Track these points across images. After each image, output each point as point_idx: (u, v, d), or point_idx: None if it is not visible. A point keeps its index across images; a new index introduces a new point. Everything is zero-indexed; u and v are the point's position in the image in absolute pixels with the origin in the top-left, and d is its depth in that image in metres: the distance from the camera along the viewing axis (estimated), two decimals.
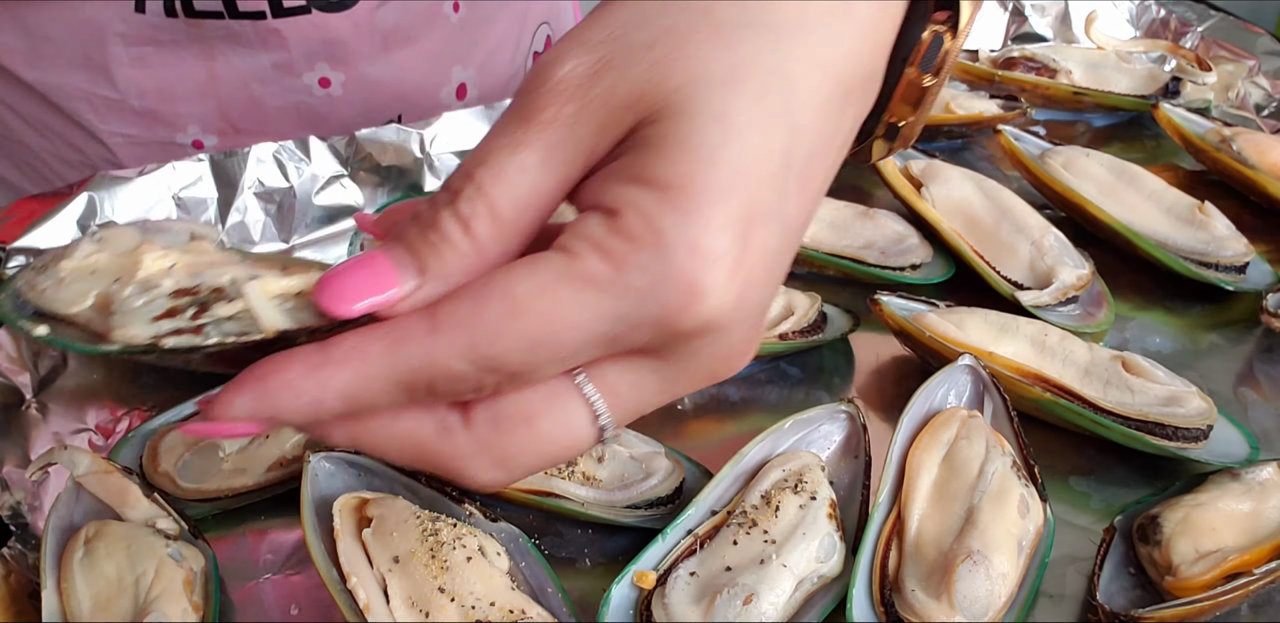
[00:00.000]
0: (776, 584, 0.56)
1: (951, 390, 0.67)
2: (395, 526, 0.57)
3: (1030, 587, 0.58)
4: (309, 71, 0.91)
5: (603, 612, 0.57)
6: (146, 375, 0.75)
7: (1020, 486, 0.60)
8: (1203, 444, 0.65)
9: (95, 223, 0.80)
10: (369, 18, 0.90)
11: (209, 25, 0.86)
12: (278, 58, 0.90)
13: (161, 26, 0.86)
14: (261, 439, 0.65)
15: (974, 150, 0.98)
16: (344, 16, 0.89)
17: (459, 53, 0.97)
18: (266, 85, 0.91)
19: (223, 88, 0.90)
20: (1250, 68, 1.02)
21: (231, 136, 0.94)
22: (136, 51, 0.88)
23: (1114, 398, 0.67)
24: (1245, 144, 0.87)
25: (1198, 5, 1.09)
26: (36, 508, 0.65)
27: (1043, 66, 1.01)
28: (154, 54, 0.88)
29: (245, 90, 0.91)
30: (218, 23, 0.86)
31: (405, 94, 0.97)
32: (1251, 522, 0.60)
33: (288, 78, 0.91)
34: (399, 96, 0.97)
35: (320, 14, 0.88)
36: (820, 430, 0.65)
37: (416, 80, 0.96)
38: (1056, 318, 0.76)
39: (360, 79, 0.93)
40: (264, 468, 0.65)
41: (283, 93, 0.92)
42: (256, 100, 0.91)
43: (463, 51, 0.98)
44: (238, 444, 0.65)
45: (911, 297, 0.74)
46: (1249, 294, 0.79)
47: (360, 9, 0.89)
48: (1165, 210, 0.82)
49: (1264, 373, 0.74)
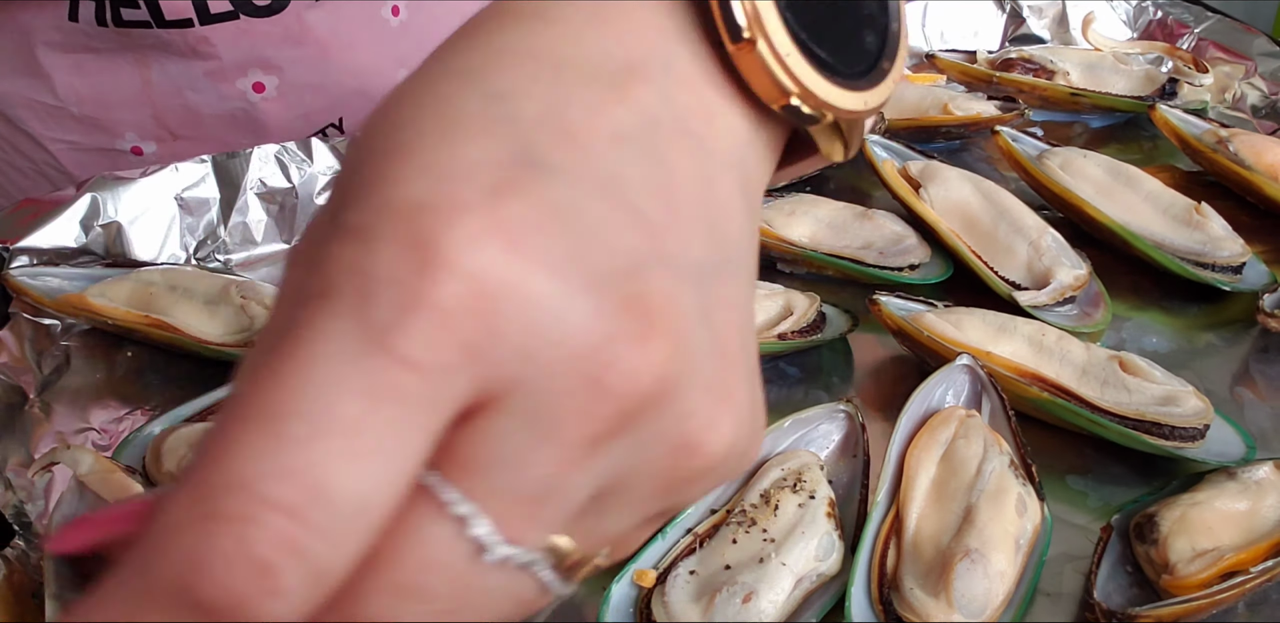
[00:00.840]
0: (776, 583, 0.57)
1: (950, 390, 0.67)
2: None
3: (1028, 585, 0.58)
4: (241, 77, 0.90)
5: (603, 611, 0.57)
6: (150, 375, 0.75)
7: (1018, 485, 0.60)
8: (1199, 443, 0.65)
9: (98, 223, 0.81)
10: (299, 23, 0.89)
11: (139, 34, 0.85)
12: (209, 65, 0.89)
13: (95, 35, 0.86)
14: None
15: (972, 151, 0.98)
16: (273, 22, 0.88)
17: (403, 57, 0.95)
18: (200, 92, 0.90)
19: (157, 95, 0.90)
20: (1247, 69, 1.02)
21: (169, 143, 0.93)
22: (74, 59, 0.88)
23: (1111, 397, 0.67)
24: (1242, 145, 0.88)
25: (1195, 7, 1.09)
26: (39, 507, 0.65)
27: (1040, 68, 1.02)
28: (91, 61, 0.88)
29: (179, 97, 0.91)
30: (147, 31, 0.85)
31: (345, 99, 0.95)
32: (1248, 521, 0.61)
33: (221, 84, 0.90)
34: (338, 101, 0.95)
35: (248, 20, 0.87)
36: (819, 430, 0.66)
37: (357, 85, 0.94)
38: (1054, 318, 0.76)
39: (296, 84, 0.92)
40: None
41: (217, 100, 0.91)
42: (191, 107, 0.91)
43: (407, 55, 0.95)
44: None
45: (910, 297, 0.74)
46: (1245, 294, 0.79)
47: (289, 14, 0.88)
48: (1162, 211, 0.83)
49: (1260, 373, 0.75)
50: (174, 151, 0.92)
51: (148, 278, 0.77)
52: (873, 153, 0.88)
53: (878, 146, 0.88)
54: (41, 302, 0.76)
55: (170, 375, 0.75)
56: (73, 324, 0.78)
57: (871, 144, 0.88)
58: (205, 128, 0.92)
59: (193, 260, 0.84)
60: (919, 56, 1.08)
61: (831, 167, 0.92)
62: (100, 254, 0.81)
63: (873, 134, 0.89)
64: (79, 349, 0.77)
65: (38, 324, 0.77)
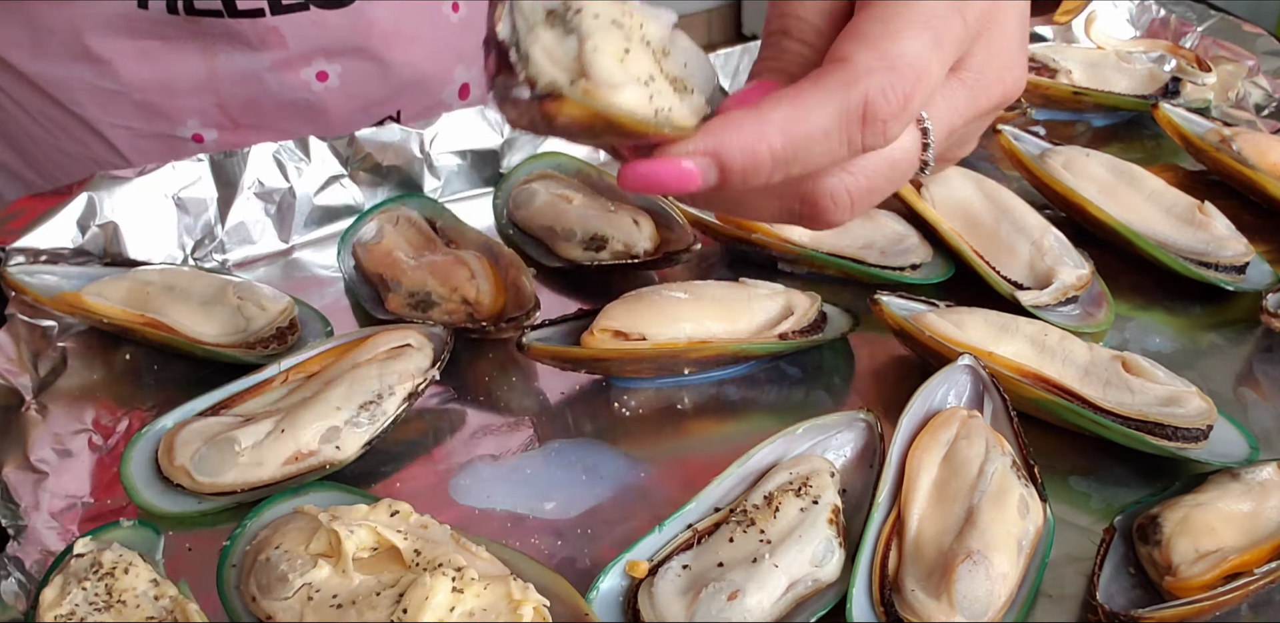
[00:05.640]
0: (766, 584, 0.56)
1: (951, 390, 0.67)
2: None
3: (1030, 587, 0.58)
4: (306, 67, 0.92)
5: (591, 597, 0.57)
6: (146, 376, 0.75)
7: (1020, 485, 0.60)
8: (1202, 444, 0.65)
9: (95, 223, 0.80)
10: (367, 16, 0.90)
11: (208, 23, 0.86)
12: (276, 55, 0.90)
13: (164, 22, 0.86)
14: (278, 432, 0.65)
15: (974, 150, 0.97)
16: (341, 13, 0.89)
17: (461, 53, 0.98)
18: (265, 82, 0.91)
19: (223, 83, 0.91)
20: (1250, 68, 1.02)
21: (231, 131, 0.94)
22: (141, 45, 0.88)
23: (1114, 398, 0.67)
24: (1245, 144, 0.87)
25: (1198, 5, 1.09)
26: (36, 510, 0.65)
27: (1043, 66, 1.01)
28: (158, 48, 0.89)
29: (244, 86, 0.91)
30: (217, 21, 0.86)
31: (404, 91, 0.97)
32: (1251, 522, 0.60)
33: (286, 74, 0.91)
34: (397, 93, 0.97)
35: (318, 11, 0.88)
36: (837, 438, 0.65)
37: (416, 78, 0.96)
38: (1056, 318, 0.76)
39: (358, 74, 0.93)
40: (280, 461, 0.65)
41: (281, 89, 0.92)
42: (255, 96, 0.92)
43: (465, 52, 0.98)
44: (254, 438, 0.65)
45: (911, 296, 0.74)
46: (1249, 294, 0.79)
47: (358, 6, 0.89)
48: (1165, 210, 0.82)
49: (1264, 373, 0.74)
50: (235, 140, 0.93)
51: (144, 277, 0.77)
52: None
53: None
54: (39, 299, 0.76)
55: (167, 376, 0.75)
56: (70, 325, 0.78)
57: None
58: (268, 116, 0.93)
59: (190, 260, 0.84)
60: None
61: None
62: (97, 254, 0.81)
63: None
64: (75, 350, 0.77)
65: (34, 326, 0.77)
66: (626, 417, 0.71)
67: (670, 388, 0.73)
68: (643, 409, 0.72)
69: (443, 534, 0.58)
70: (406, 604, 0.53)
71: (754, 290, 0.74)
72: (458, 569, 0.54)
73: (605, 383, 0.73)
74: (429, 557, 0.55)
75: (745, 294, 0.74)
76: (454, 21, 0.96)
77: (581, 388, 0.74)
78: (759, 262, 0.83)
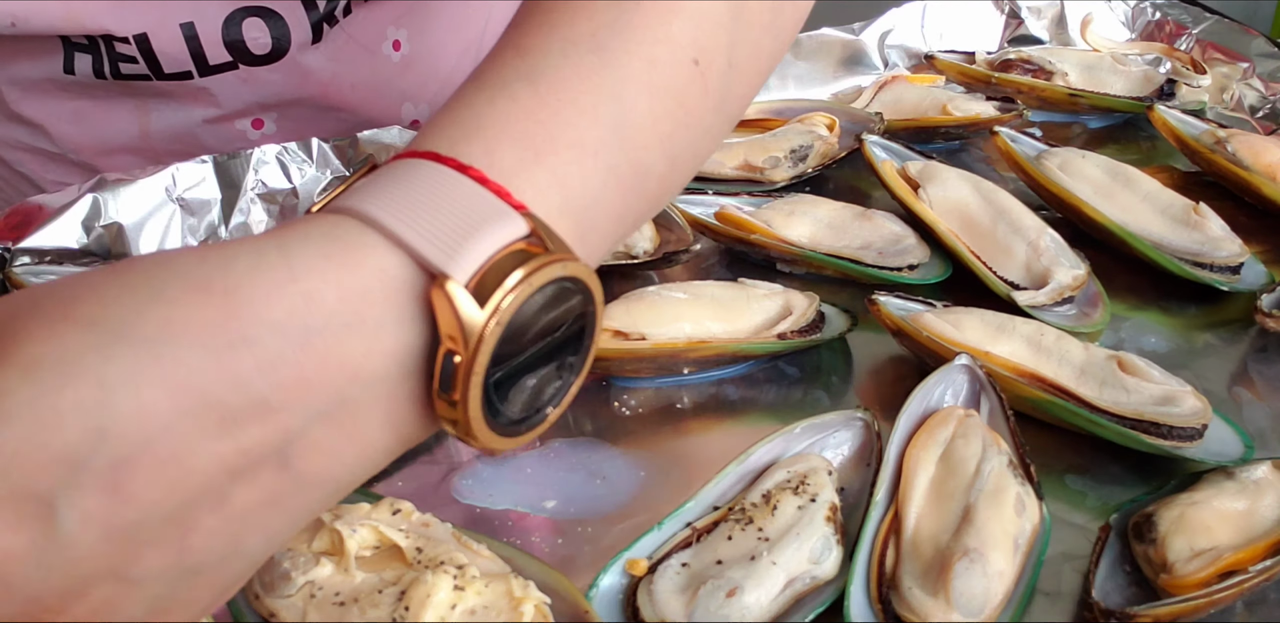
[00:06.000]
0: (764, 581, 0.57)
1: (948, 390, 0.67)
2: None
3: (1026, 585, 0.58)
4: (241, 119, 0.90)
5: (590, 595, 0.58)
6: None
7: (1016, 484, 0.61)
8: (1198, 443, 0.66)
9: (99, 224, 0.81)
10: (301, 67, 0.87)
11: (137, 85, 0.85)
12: (208, 113, 0.88)
13: (93, 85, 0.85)
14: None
15: (971, 152, 0.98)
16: (272, 69, 0.86)
17: (407, 91, 0.94)
18: (200, 136, 0.90)
19: (156, 141, 0.90)
20: (1245, 70, 1.03)
21: None
22: (73, 106, 0.87)
23: (1110, 397, 0.68)
24: (1240, 146, 0.88)
25: (1193, 8, 1.09)
26: None
27: (1039, 69, 1.02)
28: (89, 108, 0.87)
29: (179, 142, 0.90)
30: (145, 83, 0.85)
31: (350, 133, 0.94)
32: (1246, 520, 0.61)
33: (220, 127, 0.90)
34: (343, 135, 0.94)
35: (247, 69, 0.86)
36: (835, 437, 0.66)
37: (360, 122, 0.93)
38: (1053, 318, 0.76)
39: (297, 121, 0.91)
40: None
41: (217, 141, 0.90)
42: (190, 150, 0.90)
43: (409, 90, 0.94)
44: None
45: (909, 297, 0.75)
46: (1243, 294, 0.79)
47: (288, 60, 0.86)
48: (1160, 211, 0.83)
49: (1258, 372, 0.75)
50: None
51: None
52: (872, 153, 0.88)
53: (877, 147, 0.89)
54: None
55: None
56: None
57: (871, 145, 0.88)
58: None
59: None
60: (918, 57, 1.09)
61: (831, 166, 0.92)
62: (101, 255, 0.81)
63: (871, 135, 0.89)
64: None
65: None
66: (626, 416, 0.72)
67: (670, 387, 0.73)
68: (642, 409, 0.72)
69: (444, 533, 0.58)
70: (408, 602, 0.53)
71: (753, 291, 0.75)
72: (459, 567, 0.55)
73: (605, 382, 0.74)
74: (431, 555, 0.56)
75: (744, 294, 0.74)
76: (395, 61, 0.92)
77: (582, 387, 0.74)
78: (757, 262, 0.83)
